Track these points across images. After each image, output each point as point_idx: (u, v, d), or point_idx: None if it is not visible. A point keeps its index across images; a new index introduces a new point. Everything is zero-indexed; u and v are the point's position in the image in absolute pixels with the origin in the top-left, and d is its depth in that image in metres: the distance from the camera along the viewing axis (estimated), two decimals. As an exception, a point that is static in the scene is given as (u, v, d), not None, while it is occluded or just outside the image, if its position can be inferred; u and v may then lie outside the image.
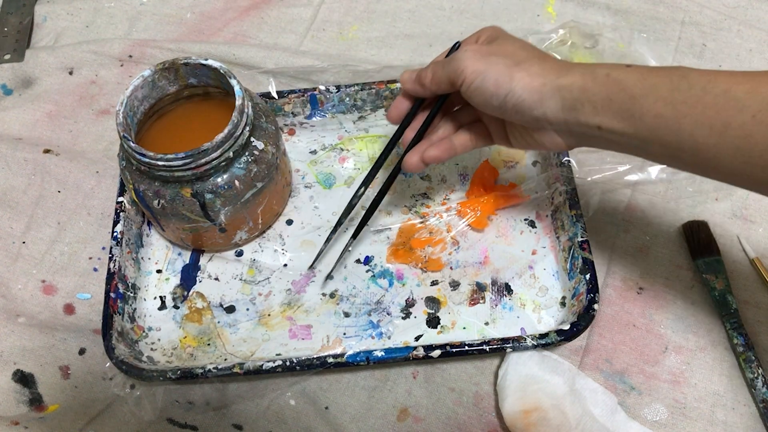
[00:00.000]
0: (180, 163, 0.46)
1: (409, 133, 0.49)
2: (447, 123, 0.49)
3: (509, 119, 0.44)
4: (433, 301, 0.52)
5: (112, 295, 0.50)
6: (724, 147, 0.34)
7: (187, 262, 0.55)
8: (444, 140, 0.48)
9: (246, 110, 0.48)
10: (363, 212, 0.51)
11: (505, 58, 0.42)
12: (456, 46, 0.48)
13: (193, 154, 0.46)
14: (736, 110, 0.34)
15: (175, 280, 0.54)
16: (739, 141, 0.34)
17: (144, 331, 0.52)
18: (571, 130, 0.41)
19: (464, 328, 0.50)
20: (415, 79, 0.47)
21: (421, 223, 0.55)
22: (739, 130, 0.34)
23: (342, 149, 0.59)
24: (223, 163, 0.48)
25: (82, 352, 0.51)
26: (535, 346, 0.47)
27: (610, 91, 0.38)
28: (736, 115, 0.34)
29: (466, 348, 0.46)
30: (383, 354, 0.47)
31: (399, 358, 0.47)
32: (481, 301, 0.51)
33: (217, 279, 0.54)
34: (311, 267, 0.53)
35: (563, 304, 0.51)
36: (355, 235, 0.51)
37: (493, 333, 0.50)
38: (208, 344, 0.51)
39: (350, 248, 0.54)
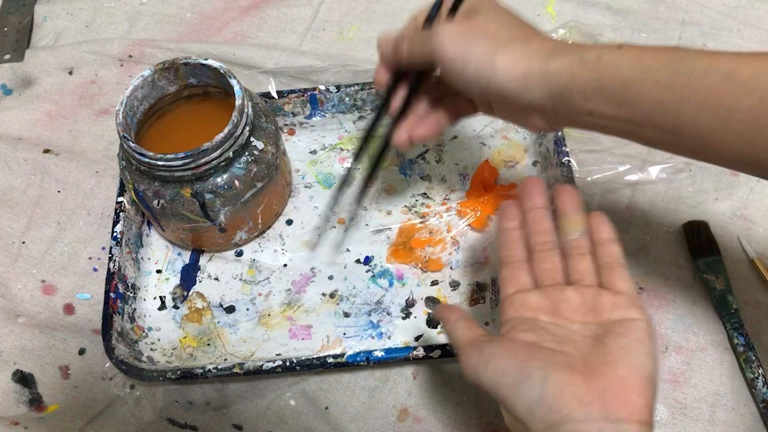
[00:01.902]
0: (180, 163, 0.46)
1: (396, 103, 0.46)
2: (431, 93, 0.46)
3: (493, 104, 0.42)
4: (433, 301, 0.52)
5: (112, 295, 0.50)
6: (728, 132, 0.33)
7: (187, 262, 0.55)
8: (430, 116, 0.46)
9: (246, 110, 0.48)
10: (360, 212, 0.51)
11: (485, 40, 0.39)
12: (438, 3, 0.43)
13: (193, 154, 0.46)
14: (742, 94, 0.32)
15: (175, 280, 0.54)
16: (746, 126, 0.32)
17: (144, 331, 0.52)
18: (559, 115, 0.39)
19: (464, 328, 0.50)
20: (392, 48, 0.44)
21: (421, 223, 0.55)
22: (745, 114, 0.32)
23: (342, 149, 0.59)
24: (223, 163, 0.48)
25: (82, 352, 0.51)
26: (535, 346, 0.47)
27: (601, 77, 0.35)
28: (742, 99, 0.32)
29: (466, 348, 0.46)
30: (383, 354, 0.47)
31: (399, 358, 0.47)
32: (481, 301, 0.51)
33: (217, 279, 0.54)
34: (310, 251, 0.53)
35: (563, 304, 0.51)
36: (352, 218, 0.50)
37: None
38: (208, 344, 0.51)
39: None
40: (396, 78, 0.46)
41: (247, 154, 0.49)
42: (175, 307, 0.53)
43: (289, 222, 0.56)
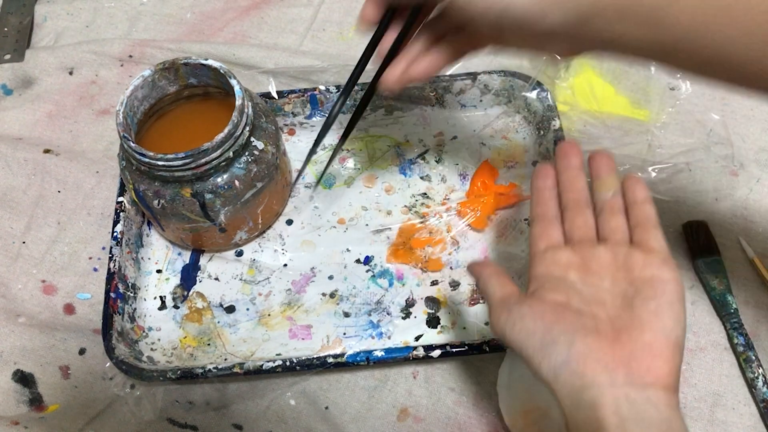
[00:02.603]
0: (180, 163, 0.46)
1: (385, 43, 0.42)
2: (425, 33, 0.42)
3: (506, 34, 0.38)
4: (433, 301, 0.52)
5: (112, 295, 0.50)
6: None
7: (187, 262, 0.55)
8: (427, 55, 0.42)
9: (246, 110, 0.48)
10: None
11: None
12: None
13: (193, 154, 0.46)
14: None
15: (175, 280, 0.54)
16: None
17: (144, 331, 0.52)
18: (581, 40, 0.36)
19: (464, 328, 0.50)
20: None
21: (421, 223, 0.55)
22: None
23: (342, 149, 0.59)
24: (223, 163, 0.48)
25: (82, 352, 0.51)
26: (535, 346, 0.47)
27: (626, 1, 0.33)
28: None
29: (466, 348, 0.46)
30: (383, 354, 0.47)
31: (399, 358, 0.47)
32: (481, 301, 0.51)
33: (217, 279, 0.54)
34: (300, 176, 0.53)
35: (563, 304, 0.51)
36: (340, 143, 0.48)
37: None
38: (208, 344, 0.51)
39: (341, 150, 0.53)
40: (388, 14, 0.42)
41: (247, 154, 0.49)
42: (176, 307, 0.53)
43: (289, 222, 0.56)
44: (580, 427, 0.33)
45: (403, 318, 0.51)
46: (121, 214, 0.53)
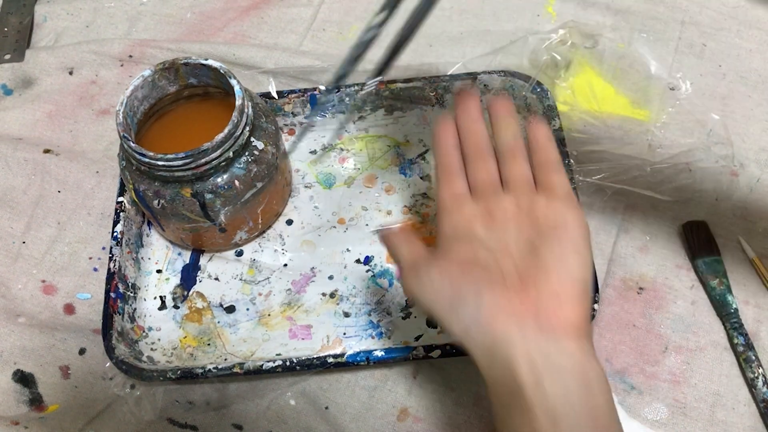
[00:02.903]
0: (180, 163, 0.46)
1: None
2: None
3: None
4: (433, 301, 0.52)
5: (112, 295, 0.50)
6: None
7: (187, 262, 0.55)
8: None
9: (246, 110, 0.48)
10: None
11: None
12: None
13: (193, 154, 0.46)
14: None
15: (175, 280, 0.54)
16: None
17: (144, 331, 0.52)
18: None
19: (464, 328, 0.50)
20: None
21: (422, 223, 0.55)
22: None
23: (342, 149, 0.59)
24: (223, 163, 0.48)
25: (82, 352, 0.51)
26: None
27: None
28: None
29: (466, 348, 0.46)
30: (383, 354, 0.47)
31: (399, 358, 0.47)
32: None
33: (217, 279, 0.54)
34: (334, 87, 0.46)
35: (563, 304, 0.51)
36: (380, 72, 0.43)
37: None
38: (208, 344, 0.51)
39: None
40: None
41: (247, 154, 0.49)
42: (176, 307, 0.53)
43: (289, 222, 0.56)
44: (498, 384, 0.33)
45: (403, 318, 0.51)
46: (121, 214, 0.53)
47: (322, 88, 0.54)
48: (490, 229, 0.37)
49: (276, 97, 0.58)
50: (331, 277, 0.53)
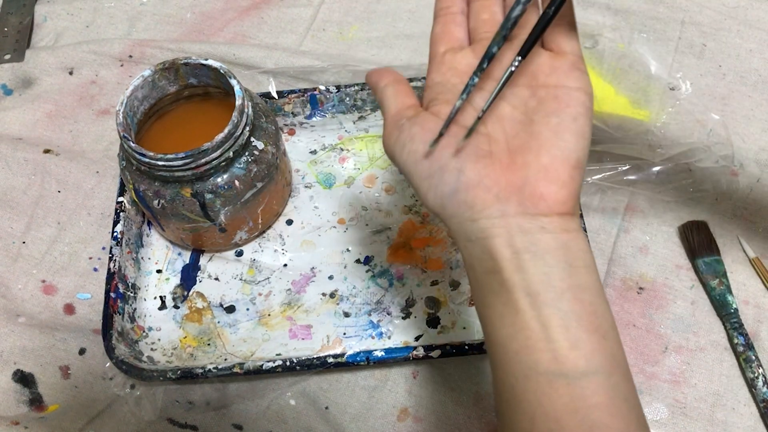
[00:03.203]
0: (180, 163, 0.46)
1: None
2: None
3: None
4: (433, 301, 0.52)
5: (112, 295, 0.50)
6: None
7: (187, 262, 0.55)
8: None
9: (246, 110, 0.48)
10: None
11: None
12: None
13: (193, 154, 0.46)
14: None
15: (175, 280, 0.54)
16: None
17: (144, 331, 0.52)
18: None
19: (464, 328, 0.50)
20: None
21: (421, 223, 0.55)
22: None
23: (342, 149, 0.60)
24: (223, 163, 0.48)
25: (82, 352, 0.51)
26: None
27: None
28: None
29: (466, 348, 0.46)
30: (383, 354, 0.47)
31: (399, 358, 0.47)
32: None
33: (217, 279, 0.54)
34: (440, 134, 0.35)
35: (563, 304, 0.51)
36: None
37: None
38: (208, 344, 0.51)
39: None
40: None
41: (247, 154, 0.49)
42: (176, 307, 0.53)
43: (289, 222, 0.56)
44: (475, 260, 0.31)
45: (403, 318, 0.51)
46: (121, 214, 0.53)
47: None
48: (485, 88, 0.34)
49: (276, 97, 0.58)
50: (331, 277, 0.53)
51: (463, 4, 0.37)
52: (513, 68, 0.32)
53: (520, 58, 0.32)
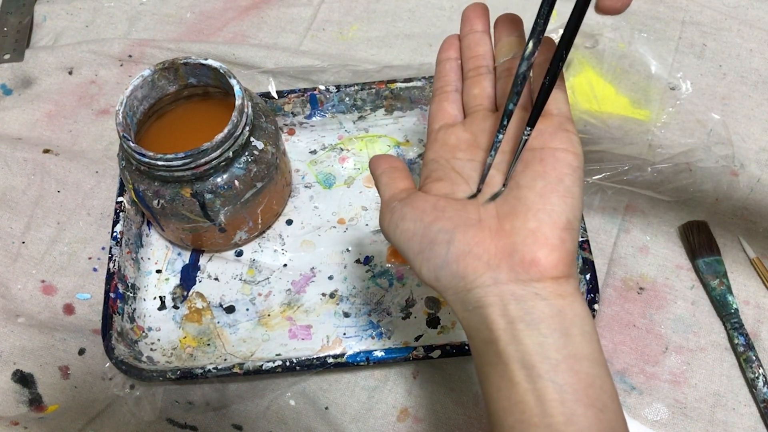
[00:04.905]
0: (180, 163, 0.46)
1: None
2: None
3: None
4: (433, 301, 0.52)
5: (112, 295, 0.50)
6: None
7: (187, 262, 0.55)
8: None
9: (246, 110, 0.48)
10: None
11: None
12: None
13: (192, 154, 0.46)
14: None
15: (175, 280, 0.54)
16: None
17: (144, 332, 0.52)
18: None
19: (464, 328, 0.50)
20: None
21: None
22: None
23: (342, 149, 0.59)
24: (222, 163, 0.48)
25: (81, 352, 0.51)
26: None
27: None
28: None
29: (466, 348, 0.46)
30: (383, 354, 0.47)
31: (399, 358, 0.47)
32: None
33: (216, 279, 0.54)
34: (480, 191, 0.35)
35: (563, 304, 0.51)
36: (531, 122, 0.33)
37: None
38: (208, 344, 0.51)
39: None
40: None
41: (247, 154, 0.49)
42: (175, 307, 0.53)
43: (289, 222, 0.56)
44: (473, 330, 0.31)
45: (403, 318, 0.51)
46: (121, 214, 0.53)
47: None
48: (473, 158, 0.34)
49: (276, 97, 0.58)
50: (331, 277, 0.53)
51: (459, 83, 0.39)
52: (525, 137, 0.33)
53: (529, 128, 0.33)
